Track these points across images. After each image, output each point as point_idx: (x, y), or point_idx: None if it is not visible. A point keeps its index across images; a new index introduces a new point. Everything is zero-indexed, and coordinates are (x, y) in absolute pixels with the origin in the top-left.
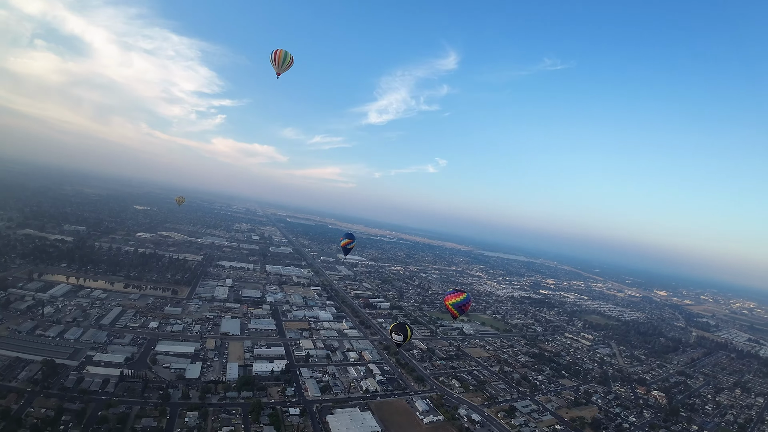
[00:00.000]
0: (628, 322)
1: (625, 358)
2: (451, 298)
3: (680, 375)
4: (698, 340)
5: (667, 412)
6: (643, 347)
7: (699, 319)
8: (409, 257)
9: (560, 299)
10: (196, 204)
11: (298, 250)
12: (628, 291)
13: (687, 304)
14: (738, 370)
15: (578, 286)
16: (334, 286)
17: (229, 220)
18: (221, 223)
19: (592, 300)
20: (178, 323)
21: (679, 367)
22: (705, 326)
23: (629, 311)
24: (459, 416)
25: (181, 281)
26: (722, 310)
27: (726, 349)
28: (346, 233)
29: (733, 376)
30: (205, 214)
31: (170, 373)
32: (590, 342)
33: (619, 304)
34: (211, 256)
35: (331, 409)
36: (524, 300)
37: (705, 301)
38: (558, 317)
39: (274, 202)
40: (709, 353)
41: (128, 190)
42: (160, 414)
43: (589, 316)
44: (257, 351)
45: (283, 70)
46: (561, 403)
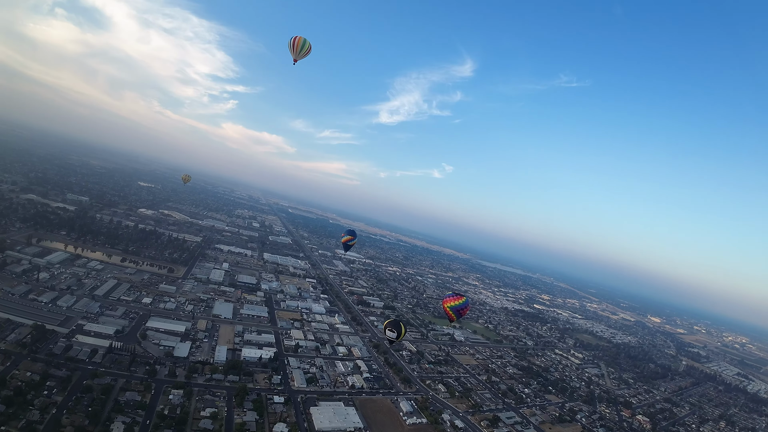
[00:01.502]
0: (619, 345)
1: (613, 380)
2: (450, 301)
3: (666, 402)
4: (687, 370)
5: None
6: (632, 371)
7: (690, 348)
8: (406, 259)
9: (554, 315)
10: (200, 186)
11: (297, 241)
12: (622, 314)
13: (679, 332)
14: (725, 402)
15: (573, 305)
16: (330, 280)
17: (231, 205)
18: (223, 208)
19: (585, 319)
20: (171, 301)
21: (666, 394)
22: (695, 356)
23: (621, 334)
24: (442, 421)
25: (178, 260)
26: (714, 342)
27: (714, 381)
28: (348, 230)
29: (719, 408)
30: (208, 196)
31: (159, 350)
32: (580, 360)
33: (612, 326)
34: (210, 239)
35: (315, 400)
36: (518, 313)
37: (698, 331)
38: (550, 333)
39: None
40: (697, 383)
41: (134, 166)
42: (144, 389)
43: (581, 335)
44: (247, 336)
45: (300, 57)
46: (545, 417)
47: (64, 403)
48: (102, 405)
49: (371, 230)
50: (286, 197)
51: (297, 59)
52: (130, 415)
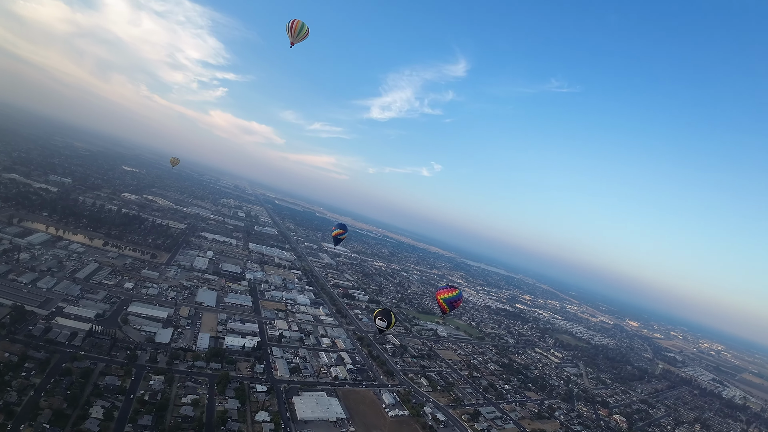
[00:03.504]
0: (597, 346)
1: (591, 380)
2: (443, 293)
3: (643, 403)
4: (664, 373)
5: None
6: (610, 372)
7: (667, 353)
8: (392, 255)
9: (535, 315)
10: (186, 174)
11: (284, 233)
12: (601, 317)
13: (657, 337)
14: (699, 406)
15: (553, 306)
16: (315, 272)
17: (217, 193)
18: (208, 196)
19: (565, 320)
20: (153, 287)
21: (642, 395)
22: (672, 361)
23: (600, 336)
24: (424, 413)
25: (162, 246)
26: (690, 348)
27: (690, 385)
28: (339, 224)
29: (694, 412)
30: (194, 184)
31: (140, 335)
32: (559, 360)
33: (591, 328)
34: (195, 227)
35: (298, 390)
36: (500, 311)
37: (674, 337)
38: (530, 332)
39: (265, 183)
40: (672, 387)
41: (119, 150)
42: (125, 374)
43: (561, 336)
44: (231, 325)
45: (298, 40)
46: (524, 414)
47: (42, 385)
48: (81, 388)
49: (358, 225)
50: (273, 188)
51: (294, 42)
52: (110, 399)
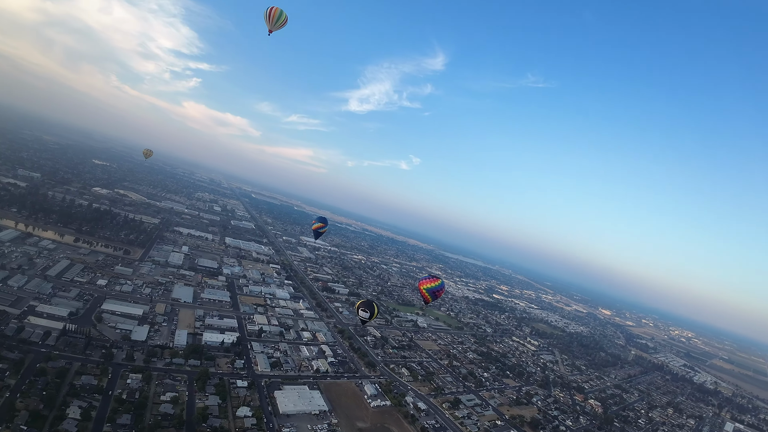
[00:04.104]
0: (572, 334)
1: (566, 366)
2: (426, 283)
3: (617, 388)
4: (636, 359)
5: (602, 420)
6: (584, 358)
7: (638, 340)
8: (372, 248)
9: (511, 305)
10: (158, 167)
11: (261, 227)
12: (575, 306)
13: (629, 325)
14: (672, 391)
15: (529, 296)
16: (294, 266)
17: (191, 187)
18: (182, 190)
19: (540, 309)
20: (127, 284)
21: (616, 380)
22: (644, 347)
23: (574, 324)
24: (405, 403)
25: (135, 242)
26: (661, 335)
27: (662, 370)
28: (319, 217)
29: (666, 396)
30: (167, 177)
31: (115, 333)
32: (535, 348)
33: (566, 316)
34: (169, 221)
35: (279, 384)
36: (478, 302)
37: (646, 324)
38: (507, 321)
39: (241, 177)
40: (645, 372)
41: (89, 143)
42: (101, 373)
43: (537, 324)
44: (209, 321)
45: (276, 28)
46: (503, 400)
47: (17, 386)
48: (57, 389)
49: (337, 219)
50: (250, 182)
51: (272, 30)
52: (87, 399)
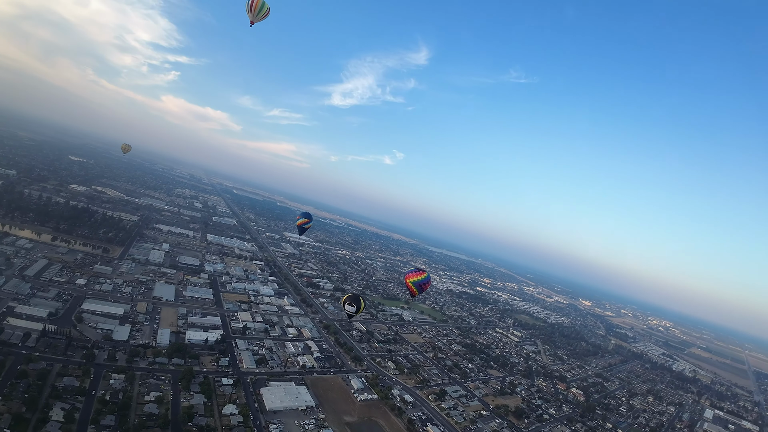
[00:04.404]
0: (553, 325)
1: (548, 356)
2: (412, 276)
3: (598, 377)
4: (616, 348)
5: (584, 408)
6: (566, 348)
7: (618, 329)
8: (356, 243)
9: (494, 297)
10: (137, 163)
11: (243, 223)
12: (556, 297)
13: (608, 315)
14: (651, 379)
15: (512, 288)
16: (278, 262)
17: (171, 183)
18: (162, 186)
19: (523, 301)
20: (107, 283)
21: (597, 369)
22: (623, 337)
23: (556, 315)
24: (392, 396)
25: (114, 240)
26: (640, 325)
27: (641, 359)
28: (303, 213)
29: (646, 384)
30: (146, 173)
31: (96, 333)
32: (518, 338)
33: (547, 307)
34: (149, 218)
35: (265, 381)
36: (462, 295)
37: (625, 315)
38: (491, 313)
39: (222, 172)
40: (625, 361)
41: (65, 139)
42: (83, 374)
43: (519, 316)
44: (191, 319)
45: (258, 19)
46: (488, 390)
47: None
48: (39, 391)
49: (321, 214)
50: (231, 178)
51: (254, 21)
52: (69, 401)
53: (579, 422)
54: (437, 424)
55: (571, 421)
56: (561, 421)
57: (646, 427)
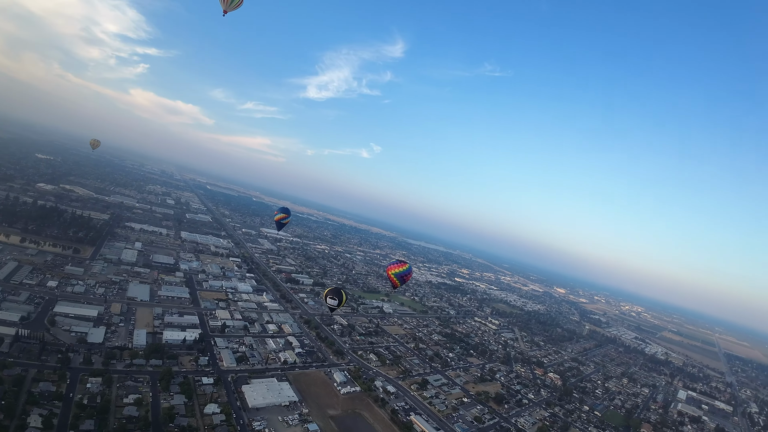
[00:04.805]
0: (530, 312)
1: (526, 343)
2: (394, 268)
3: (574, 361)
4: (590, 333)
5: (562, 392)
6: (542, 335)
7: (592, 315)
8: (335, 237)
9: (472, 287)
10: (106, 159)
11: (218, 219)
12: (532, 285)
13: (582, 302)
14: (625, 362)
15: (489, 278)
16: (256, 259)
17: (141, 180)
18: (132, 183)
19: (500, 290)
20: (79, 284)
21: (572, 354)
22: (597, 322)
23: (532, 303)
24: (375, 387)
25: (85, 240)
26: (613, 311)
27: (615, 343)
28: (281, 208)
29: (620, 367)
30: (115, 170)
31: (70, 337)
32: (496, 326)
33: (523, 296)
34: (120, 217)
35: (247, 379)
36: (441, 285)
37: (598, 301)
38: (469, 303)
39: (194, 167)
40: (599, 345)
41: (31, 136)
42: (59, 378)
43: (497, 304)
44: (168, 319)
45: (231, 8)
46: (468, 378)
47: None
48: (15, 397)
49: (298, 209)
50: (204, 173)
51: (227, 10)
52: (47, 406)
53: (557, 405)
54: (420, 413)
55: (549, 405)
56: (540, 405)
57: (621, 408)
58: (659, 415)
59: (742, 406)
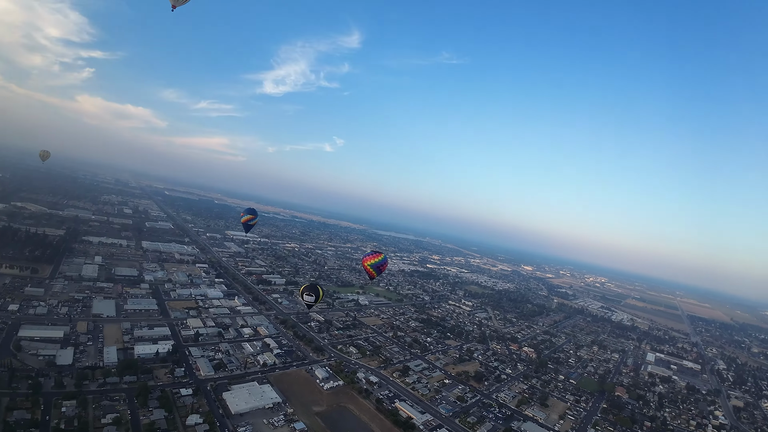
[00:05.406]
0: (501, 291)
1: (499, 321)
2: (369, 259)
3: (546, 334)
4: (559, 306)
5: (537, 364)
6: (514, 311)
7: (559, 289)
8: (304, 235)
9: (444, 272)
10: (56, 171)
11: (180, 225)
12: (501, 266)
13: (549, 277)
14: (594, 331)
15: (459, 261)
16: (223, 263)
17: (95, 190)
18: (86, 194)
19: (471, 273)
20: (41, 305)
21: (544, 327)
22: (564, 295)
23: (502, 282)
24: (358, 379)
25: (42, 258)
26: (578, 283)
27: (583, 314)
28: (248, 209)
29: (590, 336)
30: (67, 183)
31: (39, 361)
32: (470, 308)
33: (493, 276)
34: (76, 231)
35: (227, 385)
36: (414, 273)
37: (563, 275)
38: (443, 287)
39: (150, 173)
40: (568, 317)
41: None
42: (32, 405)
43: (469, 286)
44: (138, 333)
45: (180, 2)
46: (448, 360)
47: None
48: None
49: (264, 208)
50: (161, 178)
51: (176, 5)
52: None
53: (534, 378)
54: (405, 399)
55: (526, 378)
56: (518, 378)
57: (595, 375)
58: (631, 377)
59: (710, 364)
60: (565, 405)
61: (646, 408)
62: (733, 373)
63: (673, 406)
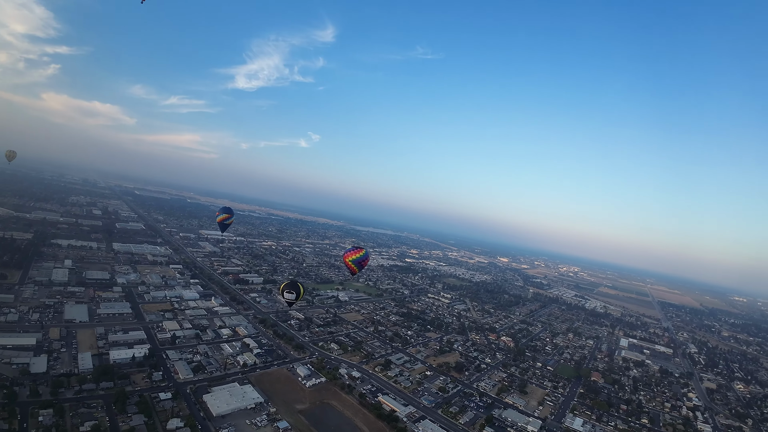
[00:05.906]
0: (478, 283)
1: (477, 312)
2: (351, 255)
3: (523, 323)
4: (535, 296)
5: (515, 353)
6: (491, 302)
7: (534, 279)
8: (281, 232)
9: (423, 266)
10: (22, 173)
11: (152, 226)
12: (478, 258)
13: (524, 268)
14: (569, 318)
15: (437, 255)
16: (198, 263)
17: (63, 192)
18: (53, 196)
19: (448, 266)
20: (12, 312)
21: (521, 317)
22: (539, 285)
23: (479, 274)
24: (340, 375)
25: (10, 264)
26: (552, 273)
27: (558, 302)
28: (223, 208)
29: (565, 324)
30: (33, 184)
31: (12, 370)
32: (449, 300)
33: (471, 268)
34: (44, 234)
35: (207, 387)
36: (393, 268)
37: (538, 266)
38: (422, 281)
39: (119, 172)
40: (544, 306)
41: None
42: (9, 415)
43: (447, 279)
44: (112, 337)
45: None
46: (429, 352)
47: None
48: None
49: (239, 206)
50: (131, 178)
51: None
52: None
53: (513, 366)
54: (387, 393)
55: (506, 366)
56: (497, 367)
57: (571, 361)
58: (606, 363)
59: (681, 348)
60: (544, 391)
61: (621, 392)
62: (704, 357)
63: (648, 390)
